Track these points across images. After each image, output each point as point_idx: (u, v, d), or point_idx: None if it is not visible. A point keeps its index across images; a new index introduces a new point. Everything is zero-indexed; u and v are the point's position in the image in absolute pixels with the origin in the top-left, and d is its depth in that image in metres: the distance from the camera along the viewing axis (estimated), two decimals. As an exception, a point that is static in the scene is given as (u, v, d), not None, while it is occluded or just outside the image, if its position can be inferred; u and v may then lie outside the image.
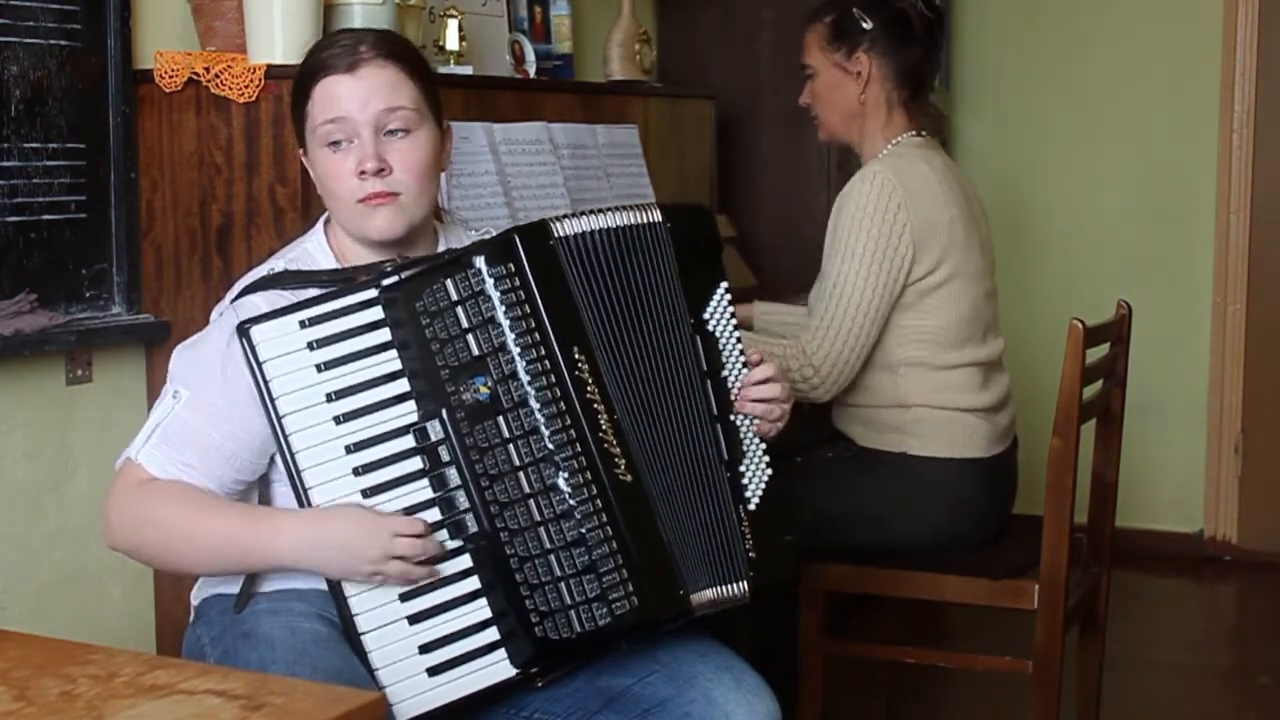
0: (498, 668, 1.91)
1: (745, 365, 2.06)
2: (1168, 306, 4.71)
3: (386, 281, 1.92)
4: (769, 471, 2.05)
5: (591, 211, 2.01)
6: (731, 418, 2.04)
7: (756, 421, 2.05)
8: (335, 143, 1.99)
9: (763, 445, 2.06)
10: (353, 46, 1.99)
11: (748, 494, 2.02)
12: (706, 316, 2.05)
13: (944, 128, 4.88)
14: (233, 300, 2.01)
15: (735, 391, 2.05)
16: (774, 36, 4.01)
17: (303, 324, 1.89)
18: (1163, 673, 3.86)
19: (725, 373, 2.05)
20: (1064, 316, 2.69)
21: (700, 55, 4.11)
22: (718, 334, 2.05)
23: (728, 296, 2.07)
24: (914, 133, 2.89)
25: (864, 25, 2.86)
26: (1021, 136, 4.96)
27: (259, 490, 2.00)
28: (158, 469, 1.93)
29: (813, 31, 2.92)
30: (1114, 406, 2.93)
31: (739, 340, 2.07)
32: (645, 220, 2.02)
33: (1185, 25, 4.73)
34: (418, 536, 1.86)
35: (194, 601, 2.08)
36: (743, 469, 2.03)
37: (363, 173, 1.97)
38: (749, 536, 1.99)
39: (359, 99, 1.97)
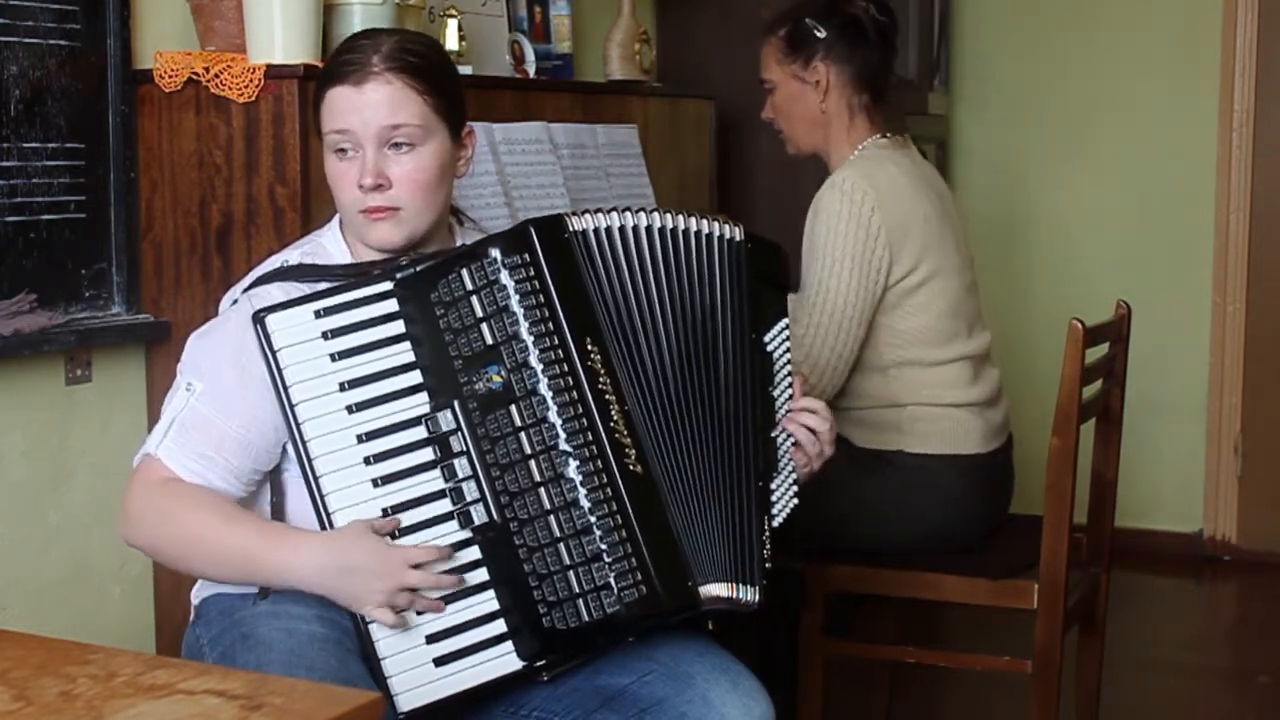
0: (504, 660, 1.92)
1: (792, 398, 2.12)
2: (1168, 306, 4.71)
3: (402, 274, 1.94)
4: (795, 501, 2.07)
5: (638, 209, 2.04)
6: (773, 434, 2.07)
7: (795, 450, 2.09)
8: (341, 150, 2.00)
9: (794, 475, 2.08)
10: (365, 57, 1.97)
11: (774, 510, 2.04)
12: (768, 339, 2.09)
13: (944, 128, 4.88)
14: (246, 289, 2.01)
15: (781, 414, 2.09)
16: (773, 36, 4.00)
17: (318, 314, 1.91)
18: (1162, 673, 3.86)
19: (775, 391, 2.09)
20: (1063, 316, 2.69)
21: (700, 55, 4.10)
22: (775, 356, 2.10)
23: (786, 331, 2.12)
24: (879, 135, 2.89)
25: (818, 34, 2.86)
26: (1021, 136, 4.96)
27: (270, 478, 2.01)
28: (177, 464, 1.94)
29: (768, 45, 2.92)
30: (1113, 406, 2.93)
31: (791, 374, 2.11)
32: (726, 235, 2.08)
33: (1185, 25, 4.73)
34: (435, 558, 1.88)
35: (194, 601, 2.09)
36: (774, 485, 2.05)
37: (362, 186, 1.98)
38: (768, 547, 2.00)
39: (362, 114, 1.97)
